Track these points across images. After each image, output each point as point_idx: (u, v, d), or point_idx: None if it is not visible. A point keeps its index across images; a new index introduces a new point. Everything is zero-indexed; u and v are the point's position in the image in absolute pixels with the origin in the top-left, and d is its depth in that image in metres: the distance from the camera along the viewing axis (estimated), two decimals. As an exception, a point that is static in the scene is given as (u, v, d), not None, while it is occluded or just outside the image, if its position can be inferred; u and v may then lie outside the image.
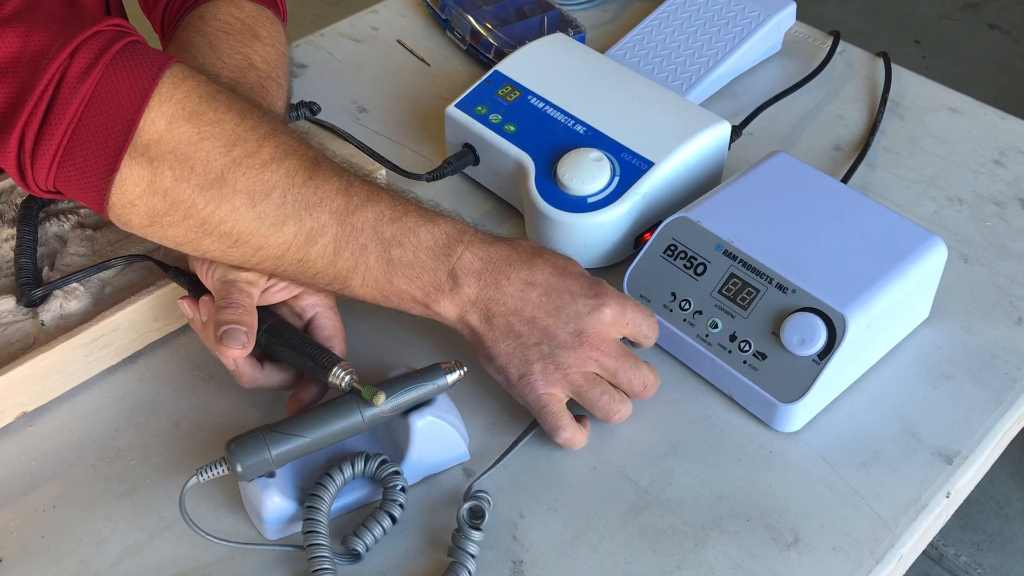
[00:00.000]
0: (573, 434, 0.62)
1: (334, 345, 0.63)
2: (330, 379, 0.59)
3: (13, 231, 0.72)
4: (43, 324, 0.67)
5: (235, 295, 0.59)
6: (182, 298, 0.63)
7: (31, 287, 0.68)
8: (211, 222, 0.57)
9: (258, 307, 0.62)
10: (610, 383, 0.62)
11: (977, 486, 0.67)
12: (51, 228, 0.73)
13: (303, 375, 0.63)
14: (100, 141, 0.55)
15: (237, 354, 0.58)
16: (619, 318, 0.62)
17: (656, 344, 0.69)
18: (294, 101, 0.82)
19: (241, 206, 0.57)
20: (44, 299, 0.68)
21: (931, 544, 1.53)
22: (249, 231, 0.58)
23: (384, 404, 0.58)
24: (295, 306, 0.64)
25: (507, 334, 0.61)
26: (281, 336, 0.61)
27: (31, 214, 0.73)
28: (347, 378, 0.58)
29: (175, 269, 0.66)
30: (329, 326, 0.63)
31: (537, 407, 0.61)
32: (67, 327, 0.66)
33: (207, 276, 0.62)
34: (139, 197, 0.57)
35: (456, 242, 0.61)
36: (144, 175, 0.56)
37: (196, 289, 0.64)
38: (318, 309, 0.64)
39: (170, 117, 0.55)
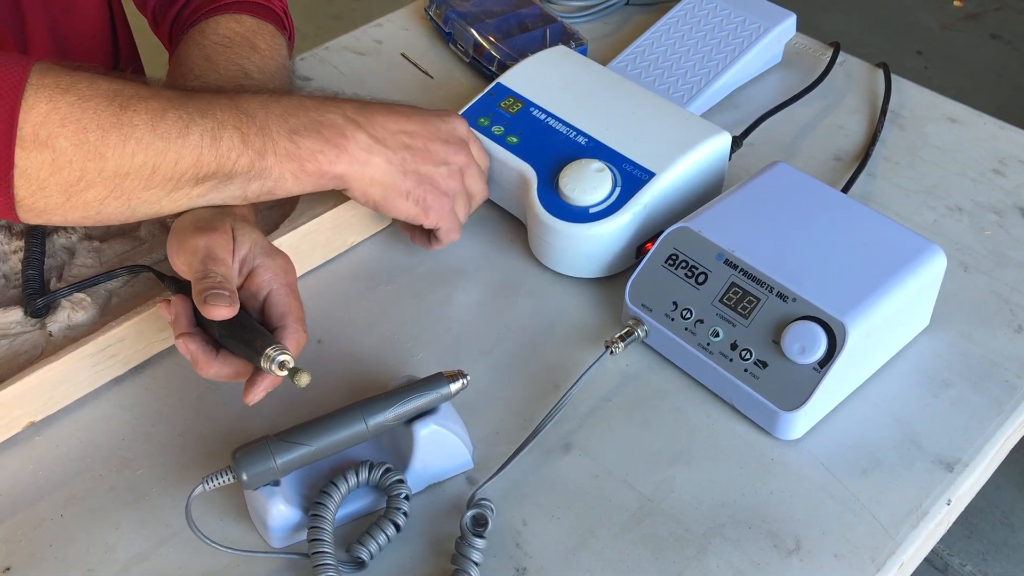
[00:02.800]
0: (458, 229, 0.73)
1: (287, 324, 0.61)
2: (261, 363, 0.58)
3: (21, 243, 0.73)
4: (51, 335, 0.68)
5: (211, 266, 0.60)
6: (160, 302, 0.64)
7: (35, 297, 0.69)
8: (124, 163, 0.59)
9: None
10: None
11: (982, 495, 0.68)
12: (59, 240, 0.74)
13: None
14: None
15: (224, 312, 0.58)
16: (471, 133, 0.74)
17: (658, 352, 0.70)
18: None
19: (145, 135, 0.59)
20: (50, 309, 0.69)
21: (936, 553, 1.53)
22: (159, 151, 0.59)
23: (388, 412, 0.59)
24: (250, 287, 0.63)
25: (413, 167, 0.68)
26: (228, 327, 0.60)
27: (39, 226, 0.73)
28: (278, 358, 0.57)
29: (171, 279, 0.66)
30: (282, 303, 0.62)
31: (437, 210, 0.70)
32: (74, 337, 0.67)
33: (176, 259, 0.62)
34: (48, 178, 0.57)
35: (331, 98, 0.68)
36: (45, 157, 0.57)
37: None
38: (272, 287, 0.62)
39: (48, 97, 0.57)
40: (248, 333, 0.59)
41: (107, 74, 0.60)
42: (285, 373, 0.57)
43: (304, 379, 0.57)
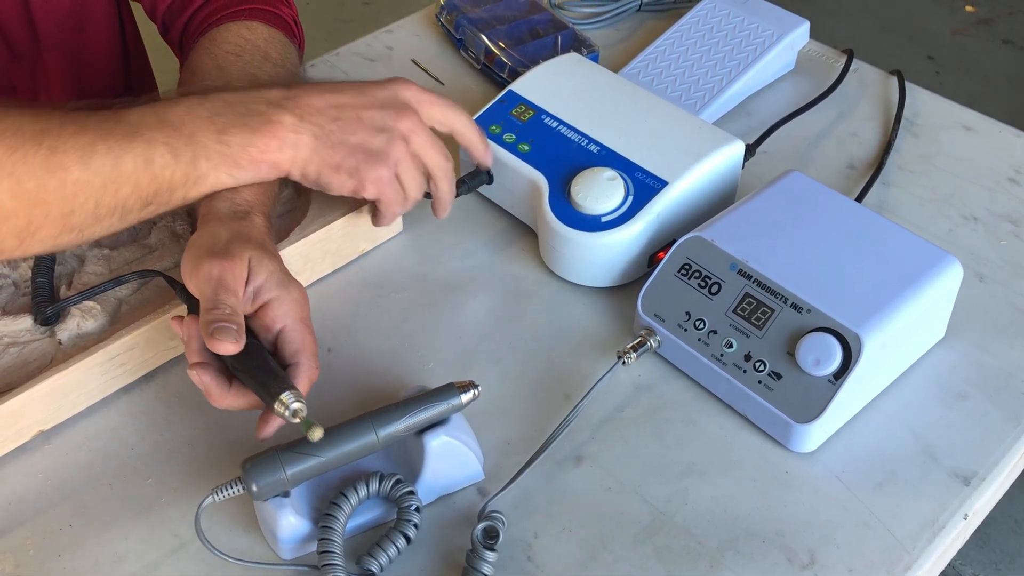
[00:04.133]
0: (401, 201, 0.69)
1: (300, 360, 0.61)
2: (275, 408, 0.57)
3: (31, 250, 0.73)
4: (60, 343, 0.68)
5: (222, 296, 0.59)
6: (173, 318, 0.63)
7: (45, 305, 0.68)
8: (66, 204, 0.59)
9: None
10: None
11: (995, 505, 0.67)
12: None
13: None
14: None
15: (230, 348, 0.58)
16: (421, 95, 0.69)
17: (671, 363, 0.69)
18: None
19: (80, 175, 0.59)
20: (59, 317, 0.69)
21: (949, 564, 1.52)
22: (98, 187, 0.60)
23: (399, 423, 0.59)
24: (263, 319, 0.62)
25: (341, 138, 0.65)
26: (242, 360, 0.59)
27: (49, 233, 0.73)
28: (292, 406, 0.56)
29: (182, 286, 0.65)
30: (296, 340, 0.61)
31: (374, 180, 0.67)
32: (84, 346, 0.67)
33: (189, 281, 0.62)
34: None
35: (258, 87, 0.66)
36: None
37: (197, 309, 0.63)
38: (286, 322, 0.62)
39: None
40: (262, 372, 0.59)
41: (32, 111, 0.60)
42: (298, 421, 0.56)
43: (317, 434, 0.56)
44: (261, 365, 0.59)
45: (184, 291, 0.65)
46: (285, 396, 0.56)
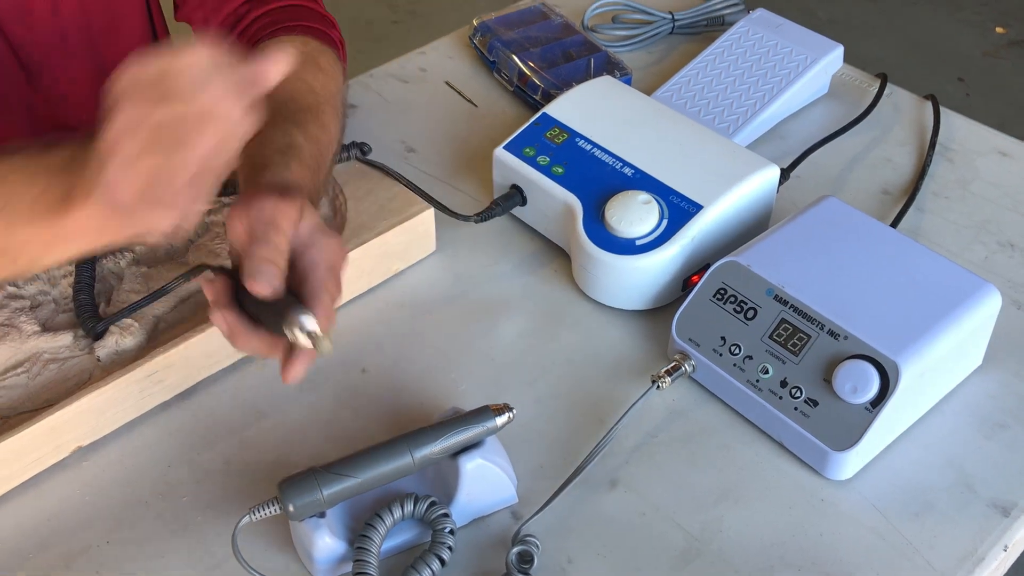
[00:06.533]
0: None
1: (320, 297, 0.58)
2: (285, 331, 0.55)
3: (71, 267, 0.74)
4: (99, 359, 0.68)
5: (271, 234, 0.58)
6: (203, 280, 0.61)
7: (94, 320, 0.69)
8: None
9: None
10: None
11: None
12: (107, 265, 0.75)
13: None
14: None
15: (264, 292, 0.56)
16: None
17: (706, 388, 0.69)
18: (346, 142, 0.83)
19: None
20: (101, 334, 0.69)
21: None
22: None
23: (434, 445, 0.59)
24: (297, 267, 0.60)
25: None
26: (250, 294, 0.57)
27: (89, 251, 0.74)
28: (298, 326, 0.54)
29: (231, 271, 0.62)
30: (319, 284, 0.59)
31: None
32: (122, 363, 0.67)
33: (239, 217, 0.59)
34: None
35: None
36: None
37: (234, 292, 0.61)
38: (320, 268, 0.59)
39: None
40: (279, 303, 0.57)
41: None
42: (306, 336, 0.55)
43: (326, 345, 0.54)
44: (280, 299, 0.57)
45: (233, 276, 0.63)
46: (299, 316, 0.55)
